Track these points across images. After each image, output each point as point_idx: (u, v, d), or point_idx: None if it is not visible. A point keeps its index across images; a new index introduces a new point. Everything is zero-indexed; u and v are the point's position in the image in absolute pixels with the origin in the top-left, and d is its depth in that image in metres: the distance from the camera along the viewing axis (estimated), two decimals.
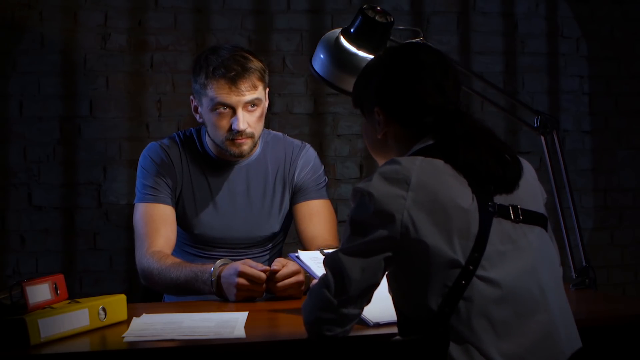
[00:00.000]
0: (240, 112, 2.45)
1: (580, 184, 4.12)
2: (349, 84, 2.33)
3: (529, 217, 1.65)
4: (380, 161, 1.77)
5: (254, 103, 2.47)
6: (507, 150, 1.68)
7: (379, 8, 2.33)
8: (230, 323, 1.88)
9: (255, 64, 2.46)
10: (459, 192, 1.60)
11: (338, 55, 2.33)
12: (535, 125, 2.46)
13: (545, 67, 4.12)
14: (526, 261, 1.61)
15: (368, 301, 1.67)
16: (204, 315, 1.99)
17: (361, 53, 2.31)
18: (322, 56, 2.36)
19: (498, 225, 1.60)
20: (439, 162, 1.63)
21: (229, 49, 2.48)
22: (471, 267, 1.55)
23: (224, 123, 2.46)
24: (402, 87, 1.72)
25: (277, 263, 2.26)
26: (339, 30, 2.37)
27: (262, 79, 2.48)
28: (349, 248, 1.62)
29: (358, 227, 1.62)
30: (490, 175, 1.63)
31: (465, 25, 4.04)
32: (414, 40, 2.38)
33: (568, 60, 4.14)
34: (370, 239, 1.60)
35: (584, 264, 2.40)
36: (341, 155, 3.91)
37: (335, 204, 3.67)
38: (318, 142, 3.84)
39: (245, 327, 1.85)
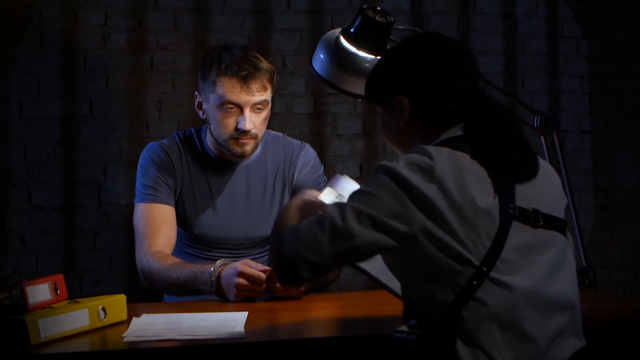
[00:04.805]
0: (248, 113, 2.44)
1: (580, 184, 4.12)
2: (349, 84, 2.34)
3: (549, 222, 1.63)
4: (402, 154, 1.70)
5: (261, 104, 2.46)
6: (525, 138, 1.66)
7: (379, 8, 2.33)
8: (230, 323, 1.88)
9: (266, 65, 2.46)
10: (481, 191, 1.57)
11: (338, 55, 2.33)
12: (535, 125, 2.46)
13: (545, 67, 4.12)
14: (542, 267, 1.59)
15: (345, 264, 1.65)
16: (204, 315, 1.99)
17: (361, 53, 2.31)
18: (322, 56, 2.36)
19: (517, 229, 1.58)
20: (465, 157, 1.60)
21: (241, 47, 2.48)
22: (485, 269, 1.53)
23: (230, 121, 2.46)
24: (426, 70, 1.69)
25: None
26: (339, 30, 2.37)
27: (271, 80, 2.48)
28: (363, 212, 1.56)
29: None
30: (513, 163, 1.61)
31: (465, 25, 4.04)
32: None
33: (568, 60, 4.14)
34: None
35: (584, 264, 2.40)
36: (341, 155, 3.91)
37: None
38: (318, 142, 3.84)
39: (245, 327, 1.85)
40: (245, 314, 1.98)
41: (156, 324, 1.89)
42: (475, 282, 1.53)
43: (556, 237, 1.64)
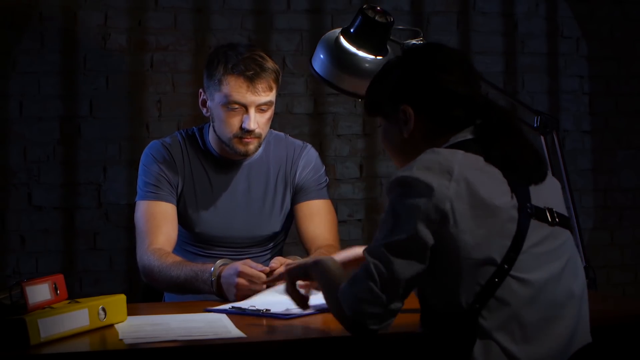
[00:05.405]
0: (252, 112, 2.44)
1: (580, 184, 4.12)
2: (349, 84, 2.34)
3: (563, 221, 1.65)
4: (402, 166, 1.69)
5: (266, 105, 2.46)
6: (532, 142, 1.68)
7: (379, 8, 2.33)
8: (219, 323, 1.89)
9: (272, 65, 2.46)
10: (499, 191, 1.59)
11: (338, 55, 2.33)
12: (535, 125, 2.46)
13: (545, 67, 4.12)
14: (559, 264, 1.61)
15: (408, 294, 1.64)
16: (186, 317, 1.99)
17: (361, 53, 2.31)
18: (322, 56, 2.36)
19: (535, 227, 1.59)
20: (480, 159, 1.61)
21: (247, 46, 2.48)
22: (506, 266, 1.54)
23: (235, 121, 2.46)
24: (430, 78, 1.68)
25: (275, 261, 2.25)
26: (339, 30, 2.37)
27: (277, 81, 2.48)
28: (392, 243, 1.58)
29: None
30: (527, 166, 1.64)
31: (465, 25, 4.04)
32: (416, 39, 2.37)
33: (568, 60, 4.14)
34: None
35: (584, 264, 2.40)
36: (341, 155, 3.91)
37: (336, 204, 3.67)
38: (318, 142, 3.84)
39: (245, 327, 1.85)
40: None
41: (144, 326, 1.89)
42: (496, 280, 1.53)
43: (568, 234, 1.67)
